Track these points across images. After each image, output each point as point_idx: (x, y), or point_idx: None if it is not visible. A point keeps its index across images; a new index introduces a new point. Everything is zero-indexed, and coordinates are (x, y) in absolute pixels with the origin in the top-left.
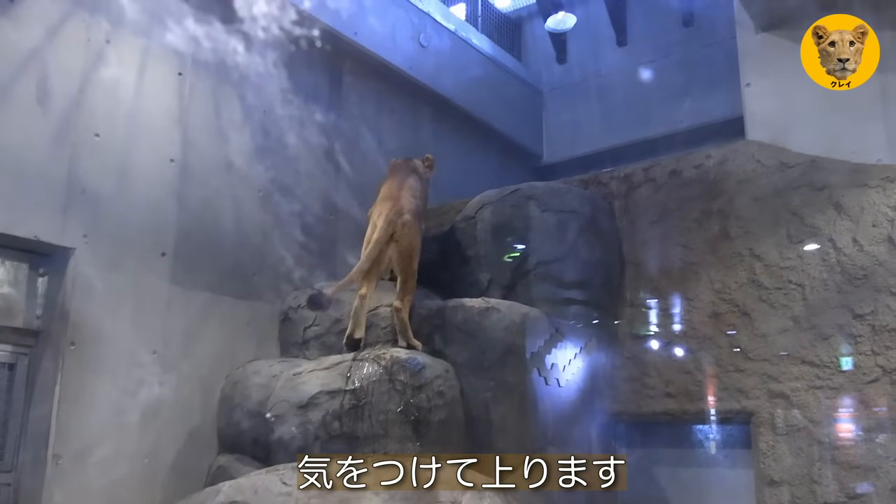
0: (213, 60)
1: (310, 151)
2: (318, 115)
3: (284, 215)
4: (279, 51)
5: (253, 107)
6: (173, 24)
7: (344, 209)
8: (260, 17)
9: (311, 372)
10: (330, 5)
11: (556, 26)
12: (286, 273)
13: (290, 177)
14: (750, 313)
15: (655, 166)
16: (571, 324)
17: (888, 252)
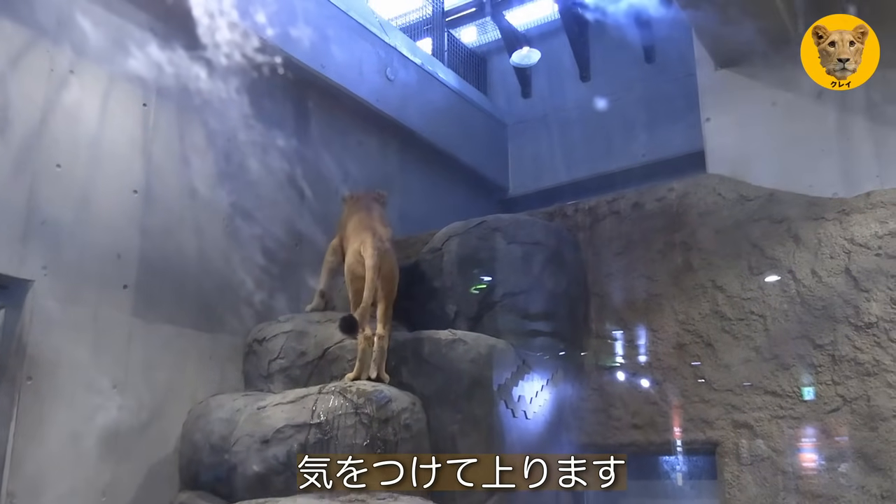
0: (178, 91)
1: (274, 182)
2: (283, 145)
3: (248, 246)
4: (244, 82)
5: (217, 137)
6: (138, 54)
7: (309, 239)
8: (225, 49)
9: (276, 405)
10: (296, 37)
11: (521, 61)
12: (250, 305)
13: (254, 207)
14: (713, 344)
15: (619, 199)
16: (538, 356)
17: (846, 283)
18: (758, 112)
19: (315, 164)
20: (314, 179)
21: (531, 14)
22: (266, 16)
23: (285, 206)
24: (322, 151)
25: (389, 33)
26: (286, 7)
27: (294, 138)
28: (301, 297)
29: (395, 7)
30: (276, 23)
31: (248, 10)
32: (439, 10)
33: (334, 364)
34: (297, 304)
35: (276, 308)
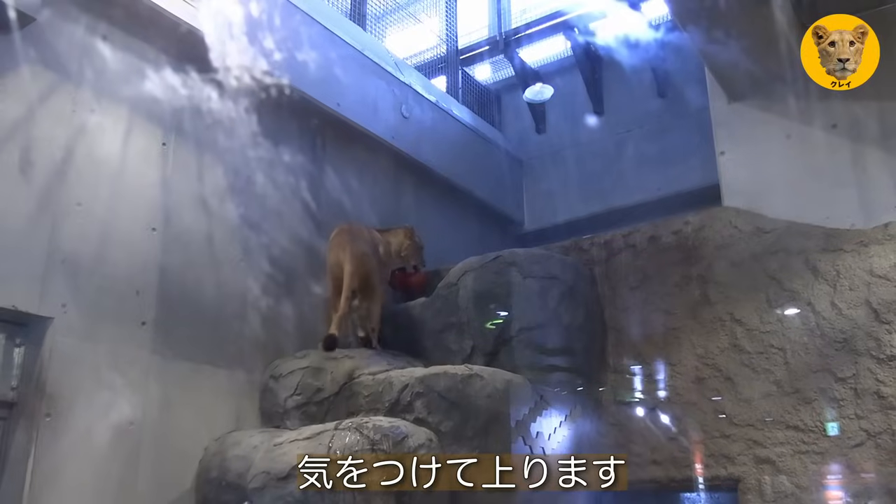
0: (197, 131)
1: (292, 220)
2: (301, 183)
3: (267, 285)
4: (262, 122)
5: (235, 176)
6: (158, 94)
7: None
8: (243, 90)
9: (293, 442)
10: (313, 77)
11: (534, 97)
12: (267, 342)
13: (271, 245)
14: (733, 378)
15: (635, 232)
16: (556, 391)
17: (866, 316)
18: (772, 145)
19: (332, 202)
20: (331, 216)
21: (544, 51)
22: (283, 56)
23: (303, 244)
24: (339, 189)
25: (404, 72)
26: (303, 47)
27: (311, 176)
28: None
29: (410, 46)
30: (292, 63)
31: (265, 52)
32: (453, 48)
33: (351, 400)
34: (313, 342)
35: (293, 345)
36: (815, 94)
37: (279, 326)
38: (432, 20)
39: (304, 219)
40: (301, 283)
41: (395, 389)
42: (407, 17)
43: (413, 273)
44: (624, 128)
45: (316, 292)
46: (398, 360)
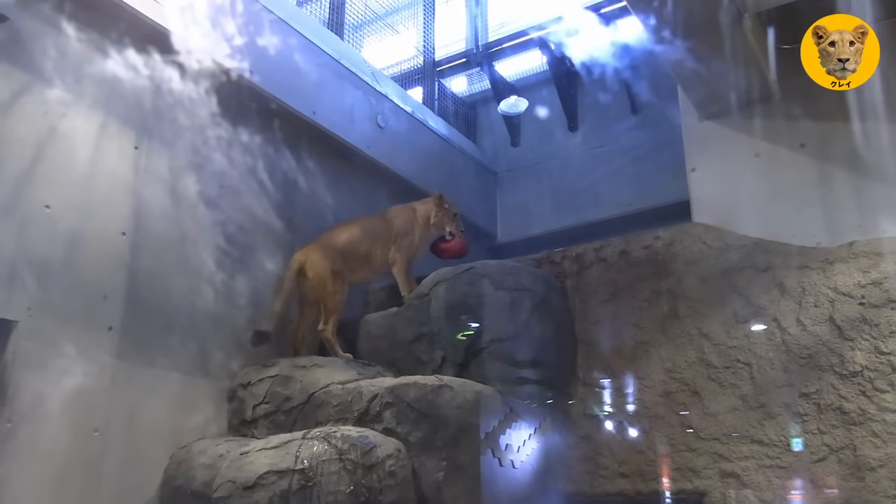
0: (170, 135)
1: (264, 228)
2: (274, 190)
3: (238, 293)
4: (236, 128)
5: (207, 181)
6: (131, 98)
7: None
8: (218, 95)
9: (259, 451)
10: (289, 84)
11: (509, 109)
12: (237, 350)
13: (244, 253)
14: (700, 392)
15: (606, 246)
16: (525, 403)
17: (830, 332)
18: (742, 163)
19: (305, 210)
20: (304, 224)
21: (520, 65)
22: (258, 62)
23: (275, 252)
24: (312, 197)
25: (381, 82)
26: (279, 54)
27: (284, 183)
28: (287, 343)
29: (388, 57)
30: (268, 69)
31: (240, 57)
32: (430, 60)
33: (319, 409)
34: (284, 350)
35: (263, 353)
36: (783, 114)
37: (249, 334)
38: (410, 31)
39: (276, 226)
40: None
41: (365, 399)
42: (385, 27)
43: (449, 240)
44: (597, 143)
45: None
46: (368, 370)
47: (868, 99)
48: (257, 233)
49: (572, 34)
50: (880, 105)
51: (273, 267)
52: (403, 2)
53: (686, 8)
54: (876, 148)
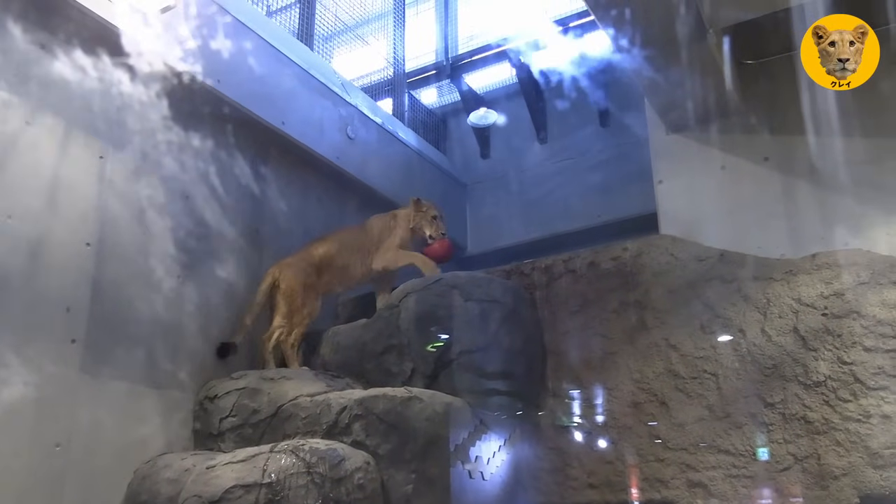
0: (136, 144)
1: (232, 238)
2: (243, 200)
3: (204, 304)
4: (204, 137)
5: (174, 191)
6: (97, 107)
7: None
8: (186, 104)
9: (226, 465)
10: (258, 94)
11: (478, 121)
12: (204, 362)
13: (211, 263)
14: (667, 402)
15: (575, 258)
16: (495, 415)
17: (794, 342)
18: (708, 175)
19: (274, 220)
20: (273, 234)
21: (490, 77)
22: (228, 72)
23: (243, 263)
24: (282, 207)
25: (351, 93)
26: (248, 64)
27: (254, 194)
28: (257, 352)
29: (358, 68)
30: (237, 79)
31: (209, 66)
32: (400, 71)
33: (288, 422)
34: (250, 362)
35: (230, 365)
36: (748, 128)
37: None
38: (380, 43)
39: (244, 237)
40: (241, 306)
41: (334, 412)
42: (355, 38)
43: (431, 243)
44: (566, 155)
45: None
46: (337, 382)
47: (828, 113)
48: (224, 243)
49: (541, 47)
50: (839, 119)
51: (240, 278)
52: (374, 13)
53: (652, 25)
54: (837, 161)
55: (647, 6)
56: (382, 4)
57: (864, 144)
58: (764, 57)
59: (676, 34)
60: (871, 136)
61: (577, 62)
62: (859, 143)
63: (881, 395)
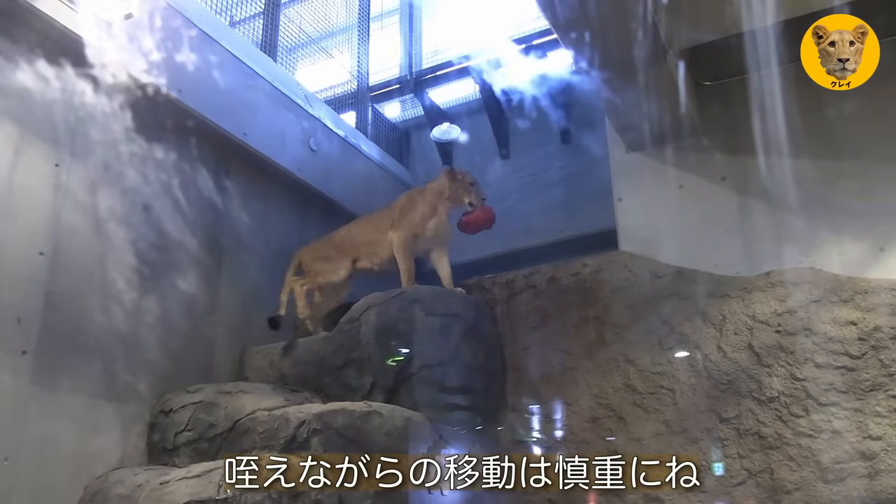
0: (94, 152)
1: (192, 250)
2: (205, 212)
3: (161, 316)
4: (164, 147)
5: (132, 201)
6: (53, 114)
7: (228, 311)
8: (145, 113)
9: (180, 480)
10: (220, 104)
11: (441, 136)
12: (160, 375)
13: (169, 275)
14: (625, 417)
15: (536, 273)
16: (455, 430)
17: (748, 359)
18: (666, 194)
19: (236, 232)
20: (234, 246)
21: (453, 93)
22: (189, 81)
23: (203, 275)
24: (243, 219)
25: (314, 105)
26: (209, 74)
27: (215, 205)
28: (214, 365)
29: (321, 81)
30: (198, 89)
31: (172, 77)
32: (364, 85)
33: (245, 436)
34: (208, 375)
35: (187, 379)
36: (705, 148)
37: (173, 359)
38: (344, 56)
39: (204, 249)
40: (199, 317)
41: (292, 426)
42: (319, 51)
43: (471, 211)
44: (528, 171)
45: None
46: (296, 397)
47: (781, 135)
48: (184, 255)
49: (505, 64)
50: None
51: (200, 290)
52: (338, 26)
53: (611, 47)
54: (790, 182)
55: (606, 28)
56: (347, 18)
57: (816, 166)
58: (721, 79)
59: (635, 56)
60: (823, 158)
61: (540, 80)
62: (811, 165)
63: (832, 411)
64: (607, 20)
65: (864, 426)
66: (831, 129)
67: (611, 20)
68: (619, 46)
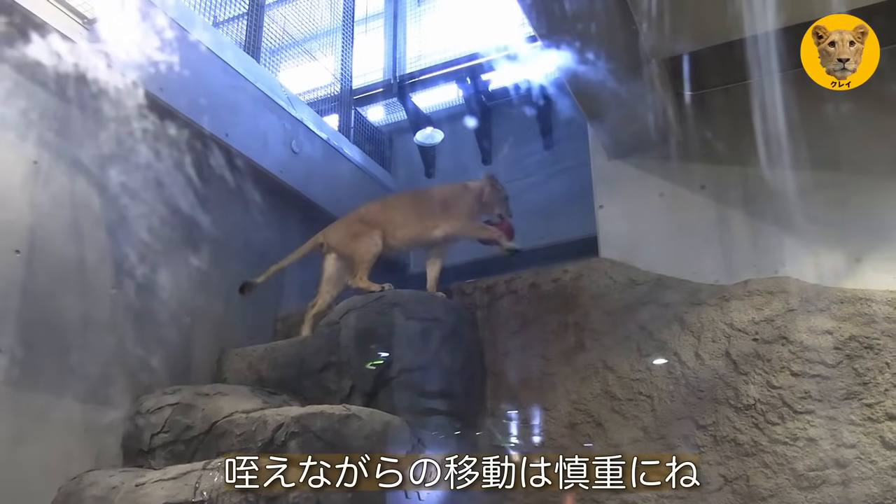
0: (72, 151)
1: (170, 249)
2: (182, 212)
3: (138, 316)
4: (143, 146)
5: (111, 200)
6: (31, 110)
7: (202, 311)
8: (125, 111)
9: (156, 482)
10: (201, 104)
11: (424, 140)
12: (135, 376)
13: (146, 275)
14: (604, 424)
15: (516, 279)
16: (434, 434)
17: (726, 366)
18: (647, 201)
19: (214, 233)
20: (212, 247)
21: (437, 97)
22: (169, 80)
23: (180, 275)
24: (222, 220)
25: (297, 107)
26: (191, 73)
27: (193, 206)
28: (192, 367)
29: (304, 83)
30: (179, 88)
31: (149, 73)
32: (348, 88)
33: (222, 439)
34: (186, 377)
35: (164, 380)
36: (686, 157)
37: (150, 360)
38: (328, 58)
39: (181, 249)
40: (177, 318)
41: (270, 429)
42: (302, 53)
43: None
44: (510, 177)
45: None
46: (274, 399)
47: (760, 145)
48: (161, 254)
49: (488, 69)
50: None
51: (178, 289)
52: (322, 29)
53: (596, 54)
54: (768, 192)
55: (590, 35)
56: (331, 20)
57: (794, 176)
58: (703, 88)
59: (620, 65)
60: (801, 169)
61: (523, 86)
62: (789, 175)
63: (807, 419)
64: (591, 27)
65: (839, 434)
66: (810, 140)
67: (595, 27)
68: (603, 54)
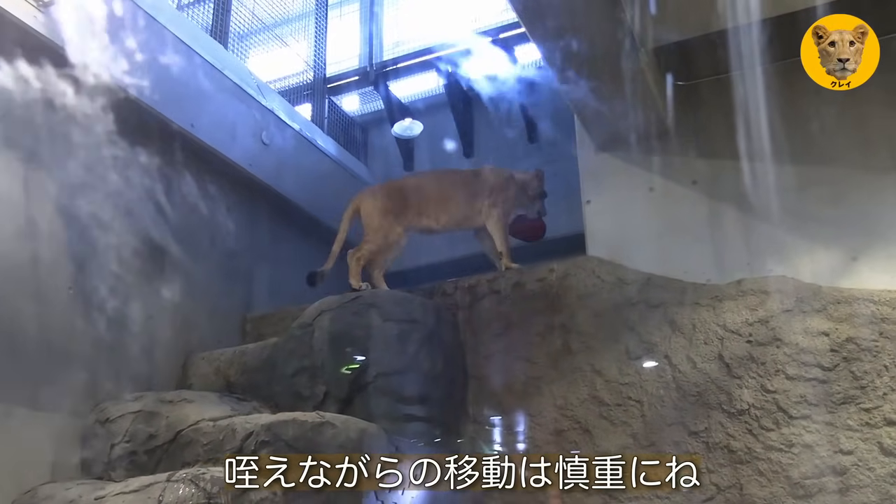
0: (26, 144)
1: (132, 247)
2: (144, 209)
3: (98, 319)
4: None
5: (68, 199)
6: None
7: (169, 310)
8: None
9: (117, 495)
10: (165, 93)
11: (403, 132)
12: (94, 383)
13: (105, 276)
14: (591, 430)
15: (500, 278)
16: (412, 442)
17: (718, 369)
18: (636, 196)
19: (179, 229)
20: (177, 244)
21: (415, 87)
22: (133, 69)
23: (142, 274)
24: (188, 216)
25: (267, 96)
26: (155, 61)
27: (157, 201)
28: (155, 372)
29: (275, 70)
30: (143, 77)
31: (113, 62)
32: (321, 76)
33: (187, 448)
34: (148, 383)
35: (125, 386)
36: (677, 150)
37: (110, 366)
38: (300, 45)
39: (145, 247)
40: (136, 320)
41: (238, 438)
42: (273, 38)
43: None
44: None
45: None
46: (243, 406)
47: (755, 139)
48: (119, 255)
49: (470, 58)
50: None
51: (140, 290)
52: (294, 13)
53: (582, 42)
54: (763, 188)
55: (577, 24)
56: (304, 4)
57: (790, 172)
58: (695, 79)
59: (608, 55)
60: (796, 165)
61: (507, 75)
62: (785, 171)
63: (803, 425)
64: (577, 13)
65: (836, 440)
66: (806, 135)
67: (581, 14)
68: (589, 42)
